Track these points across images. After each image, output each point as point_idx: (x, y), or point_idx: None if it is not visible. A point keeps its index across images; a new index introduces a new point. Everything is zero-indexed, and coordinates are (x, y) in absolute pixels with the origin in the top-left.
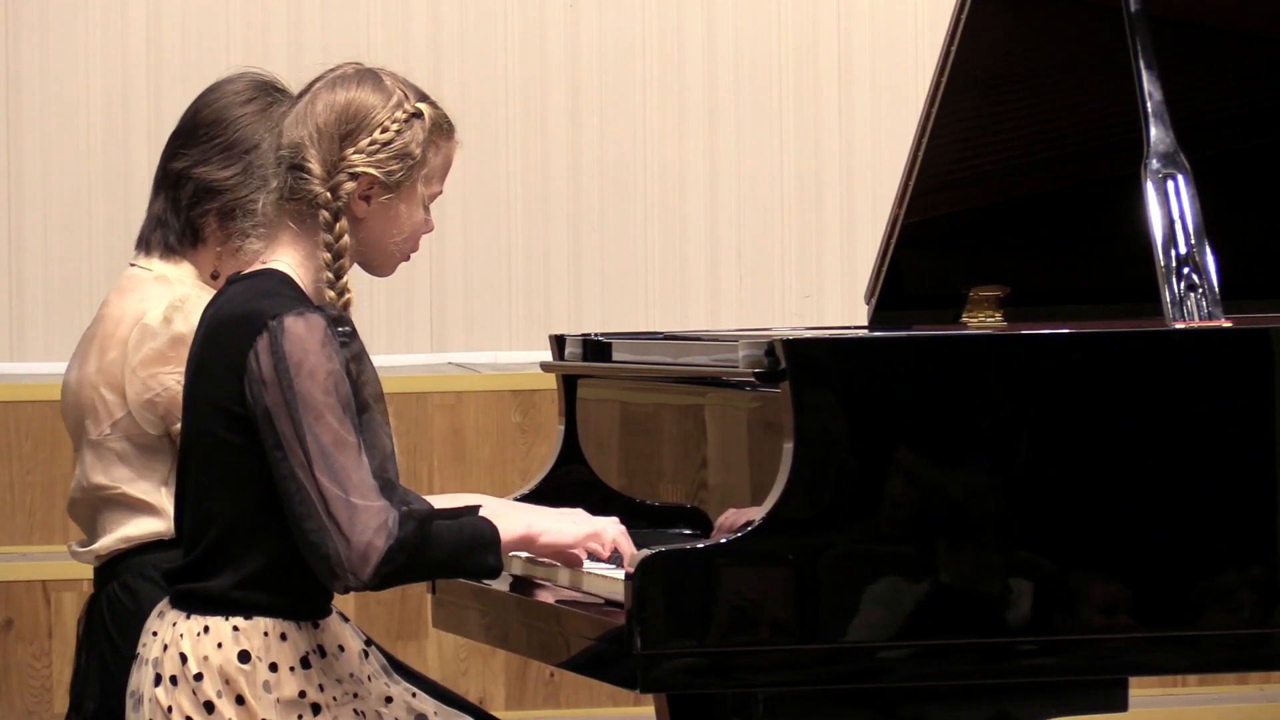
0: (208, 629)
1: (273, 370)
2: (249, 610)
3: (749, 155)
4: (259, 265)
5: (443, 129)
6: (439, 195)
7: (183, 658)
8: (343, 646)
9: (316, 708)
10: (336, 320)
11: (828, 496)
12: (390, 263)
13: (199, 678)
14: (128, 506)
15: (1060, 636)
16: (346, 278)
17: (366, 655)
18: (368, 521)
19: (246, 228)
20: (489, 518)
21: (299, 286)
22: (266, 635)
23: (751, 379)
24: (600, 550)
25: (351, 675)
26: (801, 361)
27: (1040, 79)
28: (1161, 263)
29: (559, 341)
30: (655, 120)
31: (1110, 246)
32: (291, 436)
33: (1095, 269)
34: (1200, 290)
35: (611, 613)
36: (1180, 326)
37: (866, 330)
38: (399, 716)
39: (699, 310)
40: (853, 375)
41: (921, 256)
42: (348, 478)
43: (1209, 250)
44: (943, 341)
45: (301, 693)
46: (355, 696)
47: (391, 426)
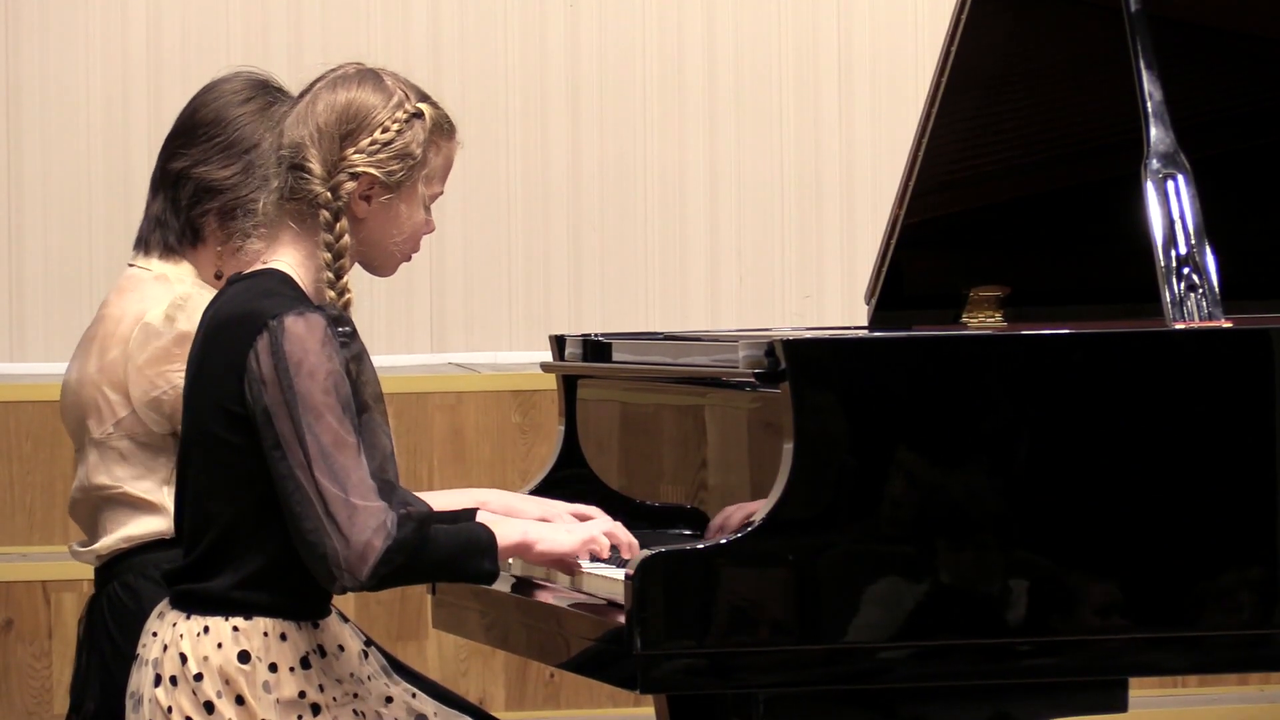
0: (208, 629)
1: (273, 370)
2: (249, 610)
3: (749, 155)
4: (259, 265)
5: (443, 129)
6: (440, 195)
7: (183, 658)
8: (343, 646)
9: (316, 708)
10: (337, 320)
11: (828, 497)
12: (391, 263)
13: (199, 678)
14: (129, 505)
15: (1060, 637)
16: (347, 278)
17: (366, 655)
18: (366, 522)
19: (247, 228)
20: (486, 523)
21: (299, 286)
22: (266, 635)
23: (751, 379)
24: (600, 552)
25: (351, 675)
26: (801, 362)
27: (1040, 79)
28: (1161, 263)
29: (559, 342)
30: (655, 120)
31: (1110, 246)
32: (291, 436)
33: (1095, 269)
34: (1200, 290)
35: (611, 613)
36: (1180, 327)
37: (866, 330)
38: (399, 717)
39: (699, 310)
40: (853, 376)
41: (922, 257)
42: (347, 478)
43: (1209, 250)
44: (943, 342)
45: (301, 693)
46: (355, 697)
47: (391, 427)
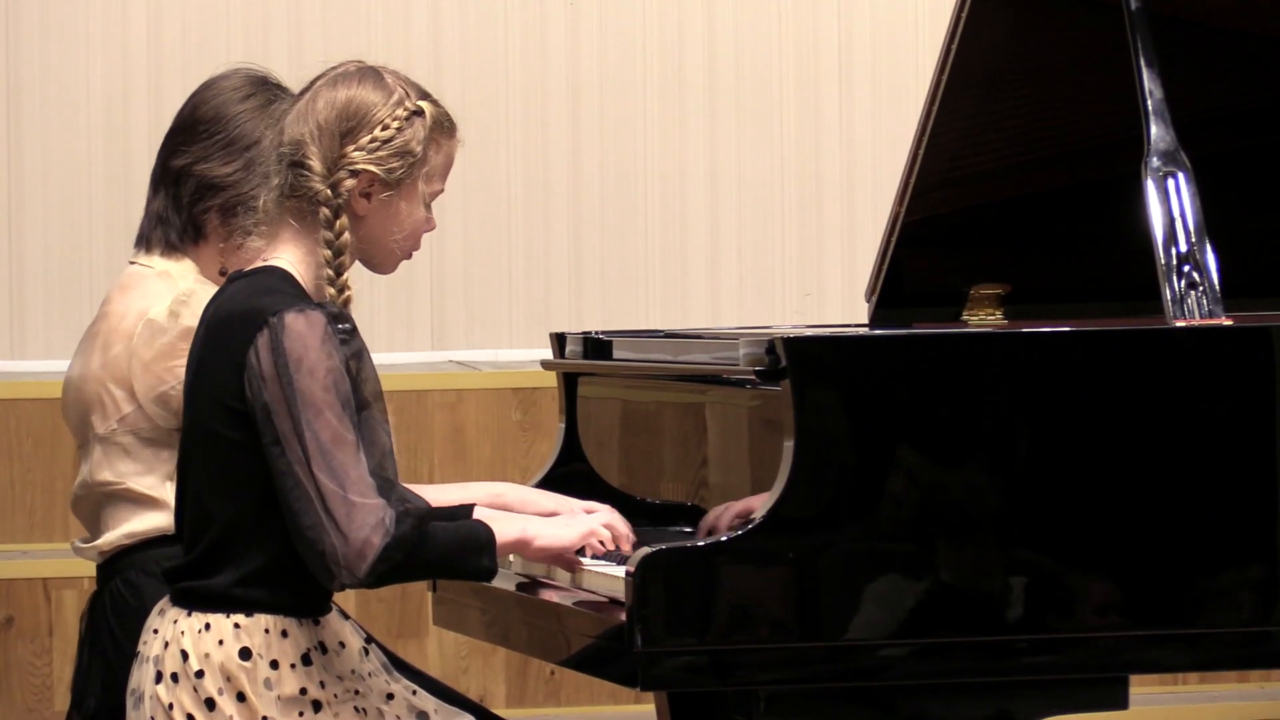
0: (209, 626)
1: (273, 366)
2: (250, 607)
3: (749, 154)
4: (260, 262)
5: (444, 127)
6: (440, 193)
7: (184, 655)
8: (343, 643)
9: (317, 705)
10: (337, 317)
11: (828, 495)
12: (391, 260)
13: (200, 675)
14: (132, 501)
15: (1060, 634)
16: (347, 275)
17: (367, 653)
18: (365, 519)
19: (248, 225)
20: (485, 520)
21: (300, 284)
22: (268, 632)
23: (752, 377)
24: (599, 548)
25: (353, 672)
26: (802, 360)
27: (1041, 77)
28: (1162, 261)
29: (559, 339)
30: (656, 119)
31: (1111, 244)
32: (290, 433)
33: (1096, 267)
34: (1201, 288)
35: (612, 610)
36: (1181, 325)
37: (867, 328)
38: (400, 714)
39: (699, 308)
40: (853, 373)
41: (922, 254)
42: (346, 475)
43: (1209, 248)
44: (943, 340)
45: (302, 690)
46: (356, 694)
47: (391, 424)
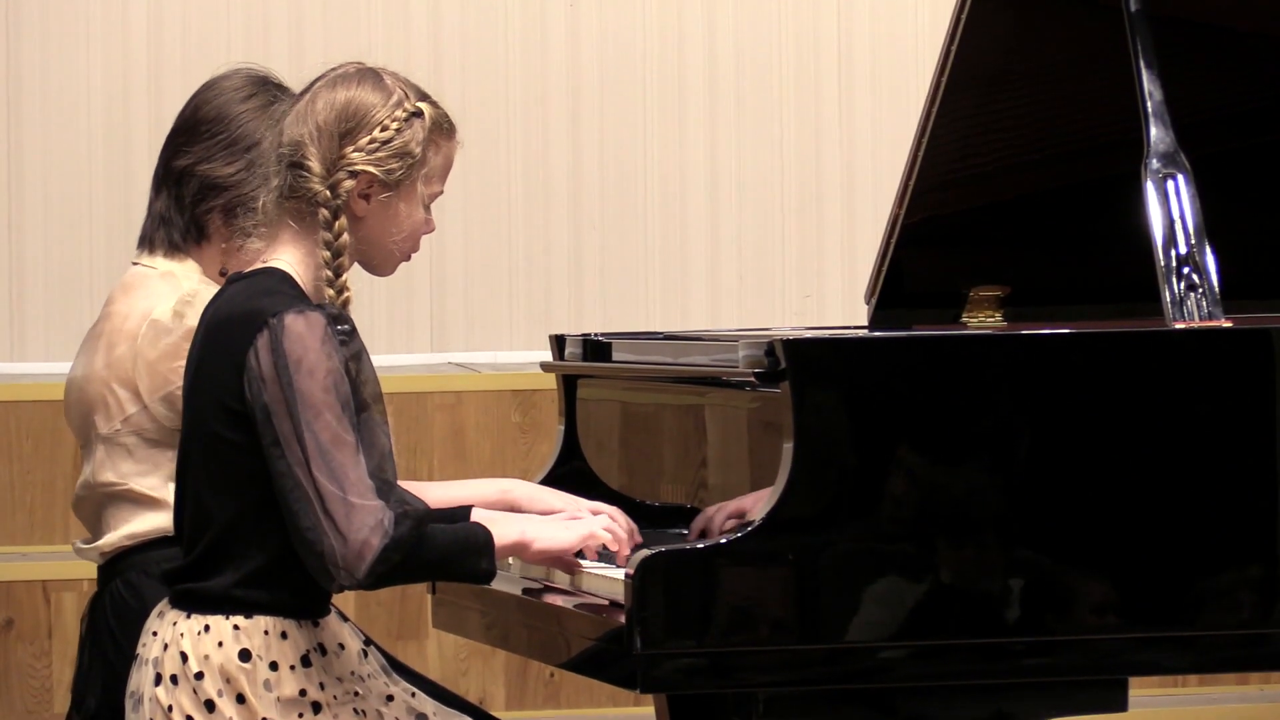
0: (208, 628)
1: (272, 367)
2: (249, 609)
3: (749, 154)
4: (259, 264)
5: (443, 128)
6: (439, 195)
7: (183, 656)
8: (343, 645)
9: (317, 706)
10: (336, 319)
11: (828, 496)
12: (390, 262)
13: (200, 676)
14: (133, 502)
15: (1060, 636)
16: (346, 276)
17: (366, 655)
18: (364, 520)
19: (248, 226)
20: (484, 522)
21: (299, 285)
22: (267, 634)
23: (751, 379)
24: (593, 553)
25: (352, 674)
26: (802, 361)
27: (1041, 78)
28: (1161, 262)
29: (559, 341)
30: (656, 120)
31: (1110, 246)
32: (290, 434)
33: (1095, 268)
34: (1200, 290)
35: (612, 613)
36: (1180, 326)
37: (867, 330)
38: (399, 716)
39: (699, 310)
40: (853, 375)
41: (922, 256)
42: (345, 476)
43: (1209, 250)
44: (943, 341)
45: (302, 691)
46: (356, 695)
47: (391, 426)
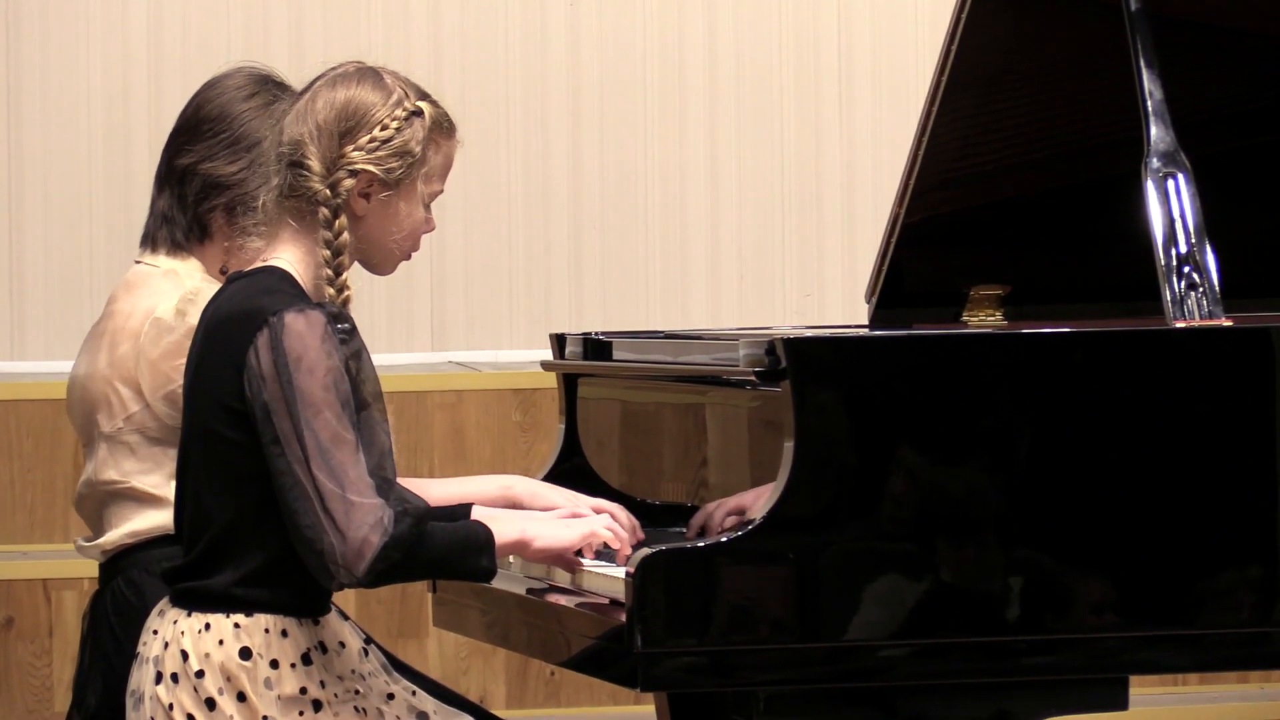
0: (209, 626)
1: (272, 366)
2: (250, 607)
3: (749, 154)
4: (259, 263)
5: (443, 127)
6: (439, 194)
7: (184, 655)
8: (343, 643)
9: (318, 704)
10: (336, 317)
11: (828, 495)
12: (390, 261)
13: (200, 675)
14: (135, 500)
15: (1060, 635)
16: (346, 275)
17: (366, 653)
18: (363, 518)
19: (248, 225)
20: (484, 520)
21: (299, 284)
22: (268, 632)
23: (752, 378)
24: (592, 551)
25: (353, 672)
26: (802, 360)
27: (1041, 77)
28: (1162, 261)
29: (559, 340)
30: (656, 119)
31: (1111, 245)
32: (289, 432)
33: (1096, 267)
34: (1200, 289)
35: (612, 611)
36: (1180, 325)
37: (867, 329)
38: (400, 714)
39: (699, 309)
40: (853, 374)
41: (922, 255)
42: (344, 474)
43: (1209, 249)
44: (943, 340)
45: (303, 689)
46: (356, 694)
47: (391, 425)
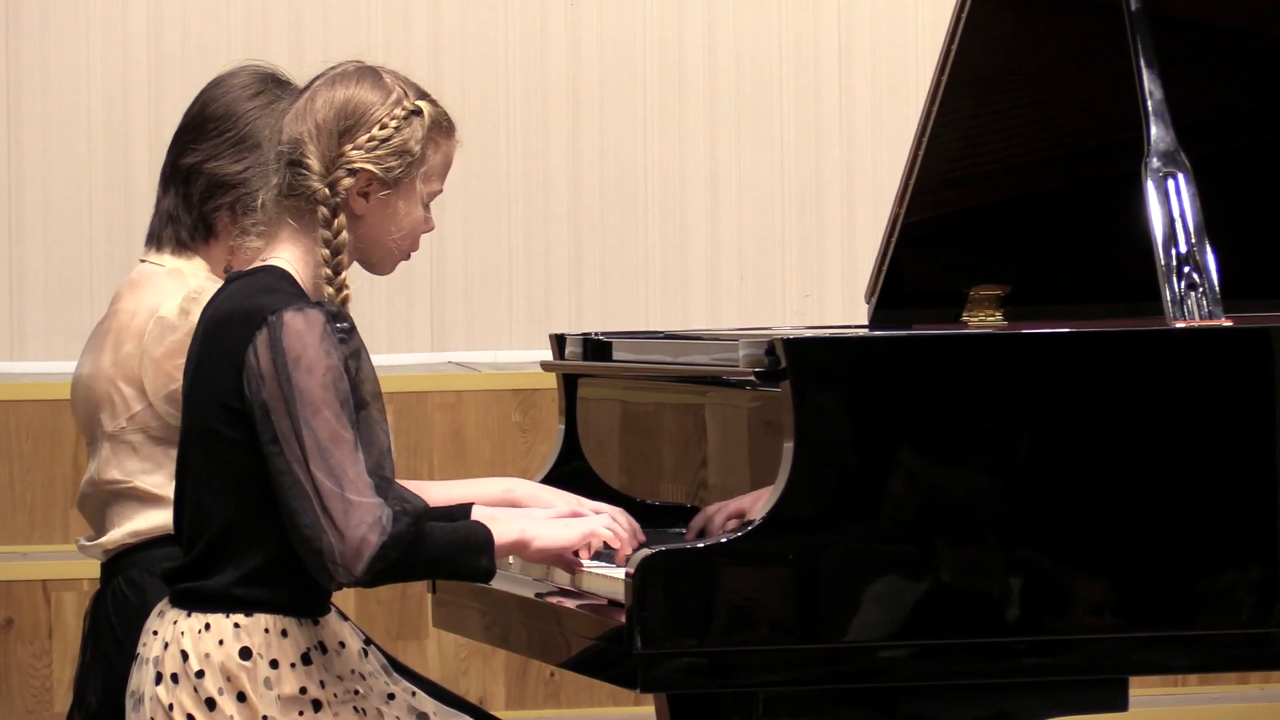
0: (209, 626)
1: (271, 365)
2: (250, 607)
3: (749, 154)
4: (258, 262)
5: (442, 127)
6: (439, 194)
7: (184, 655)
8: (343, 644)
9: (318, 704)
10: (335, 316)
11: (828, 496)
12: (389, 260)
13: (200, 675)
14: (138, 500)
15: (1060, 636)
16: (345, 274)
17: (366, 654)
18: (362, 517)
19: (248, 225)
20: (484, 520)
21: (298, 283)
22: (267, 632)
23: (752, 378)
24: (598, 547)
25: (353, 672)
26: (802, 361)
27: (1041, 77)
28: (1162, 261)
29: (559, 341)
30: (656, 119)
31: (1111, 245)
32: (288, 431)
33: (1096, 268)
34: (1201, 289)
35: (612, 612)
36: (1181, 325)
37: (867, 329)
38: (400, 715)
39: (699, 309)
40: (853, 374)
41: (922, 255)
42: (343, 473)
43: (1209, 249)
44: (943, 341)
45: (303, 689)
46: (356, 694)
47: (390, 425)
